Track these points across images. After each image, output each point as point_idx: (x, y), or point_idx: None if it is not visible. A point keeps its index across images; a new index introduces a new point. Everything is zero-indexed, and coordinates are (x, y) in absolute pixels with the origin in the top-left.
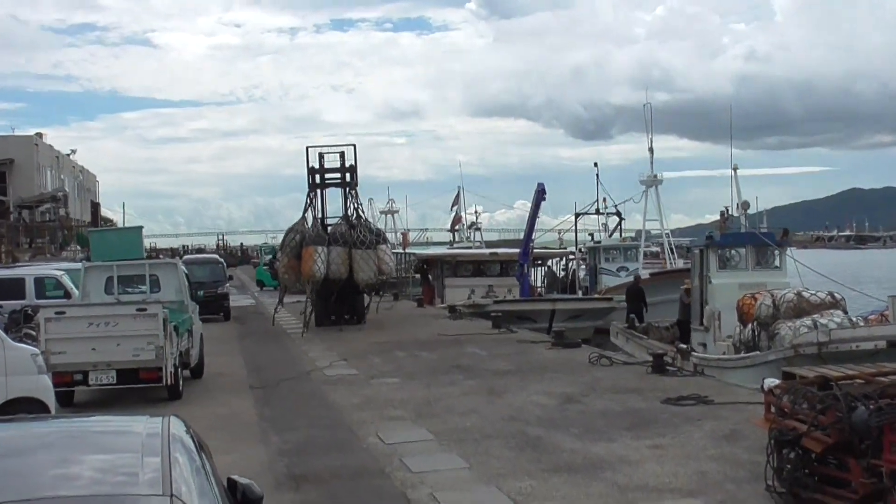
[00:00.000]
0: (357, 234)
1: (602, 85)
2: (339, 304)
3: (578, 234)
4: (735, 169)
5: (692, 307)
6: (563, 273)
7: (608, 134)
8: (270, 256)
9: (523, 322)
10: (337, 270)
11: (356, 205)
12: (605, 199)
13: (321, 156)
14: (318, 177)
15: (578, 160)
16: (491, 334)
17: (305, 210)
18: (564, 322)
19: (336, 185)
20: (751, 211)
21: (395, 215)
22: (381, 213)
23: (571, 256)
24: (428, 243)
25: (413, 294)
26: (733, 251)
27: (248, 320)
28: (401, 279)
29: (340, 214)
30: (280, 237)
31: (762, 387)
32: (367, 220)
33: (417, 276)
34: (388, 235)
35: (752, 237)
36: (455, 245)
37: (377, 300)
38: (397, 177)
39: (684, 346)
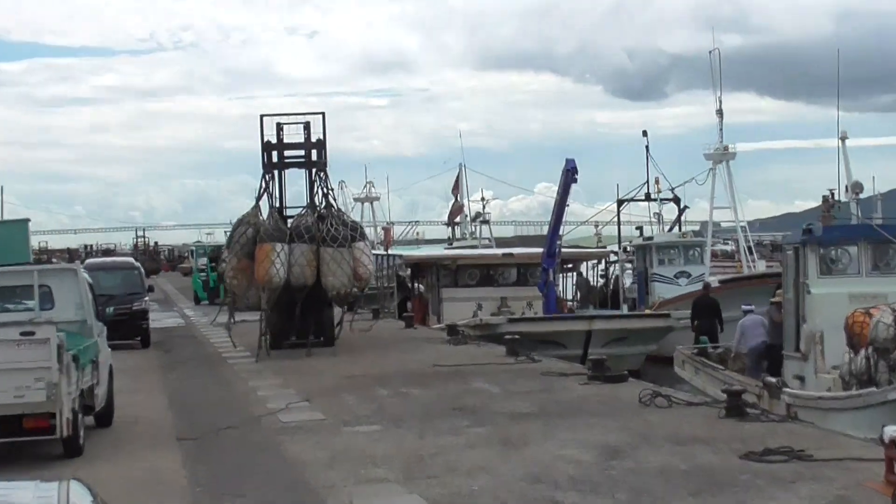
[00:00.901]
0: (327, 228)
1: (653, 26)
2: (302, 319)
3: (622, 228)
4: (843, 139)
5: (784, 326)
6: (601, 281)
7: (661, 92)
8: (206, 260)
9: (549, 347)
10: (301, 274)
11: (325, 190)
12: (657, 181)
13: (279, 127)
14: (275, 154)
15: (621, 127)
16: (505, 364)
17: (259, 197)
18: (605, 347)
19: (299, 164)
20: (864, 194)
21: (375, 203)
22: (357, 200)
23: (613, 257)
24: (419, 241)
25: (396, 310)
26: (841, 250)
27: (174, 346)
28: (383, 290)
29: (305, 203)
30: (219, 233)
31: (881, 437)
32: (339, 209)
33: (408, 286)
34: (367, 230)
35: (866, 230)
36: (455, 244)
37: (352, 316)
38: (377, 151)
39: (772, 379)
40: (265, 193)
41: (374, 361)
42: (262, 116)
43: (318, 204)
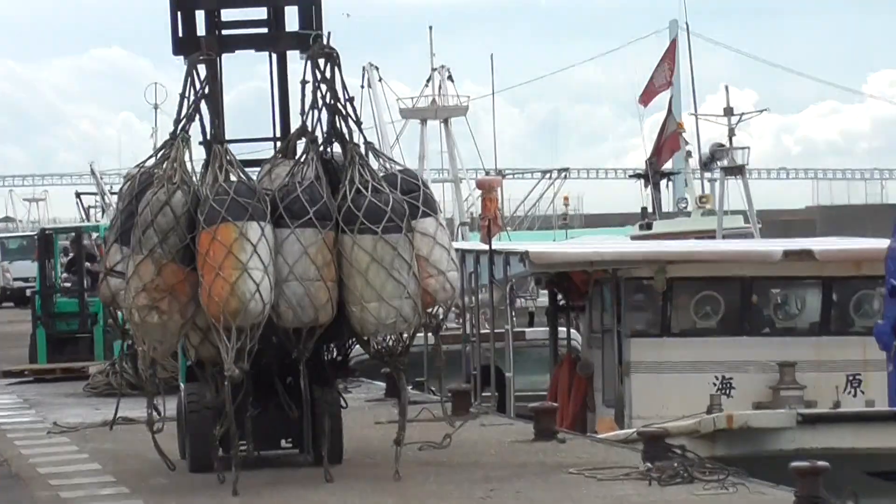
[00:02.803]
0: (350, 189)
1: None
2: (291, 403)
3: None
4: None
5: None
6: None
7: None
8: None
9: None
10: (302, 299)
11: (341, 98)
12: None
13: None
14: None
15: None
16: None
17: (183, 119)
18: None
19: (263, 40)
20: None
21: (458, 121)
22: (410, 114)
23: None
24: (567, 220)
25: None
26: None
27: None
28: (471, 337)
29: (275, 132)
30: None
31: None
32: (369, 143)
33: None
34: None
35: None
36: (661, 225)
37: (406, 399)
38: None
39: None
40: (195, 111)
41: None
42: None
43: (316, 128)
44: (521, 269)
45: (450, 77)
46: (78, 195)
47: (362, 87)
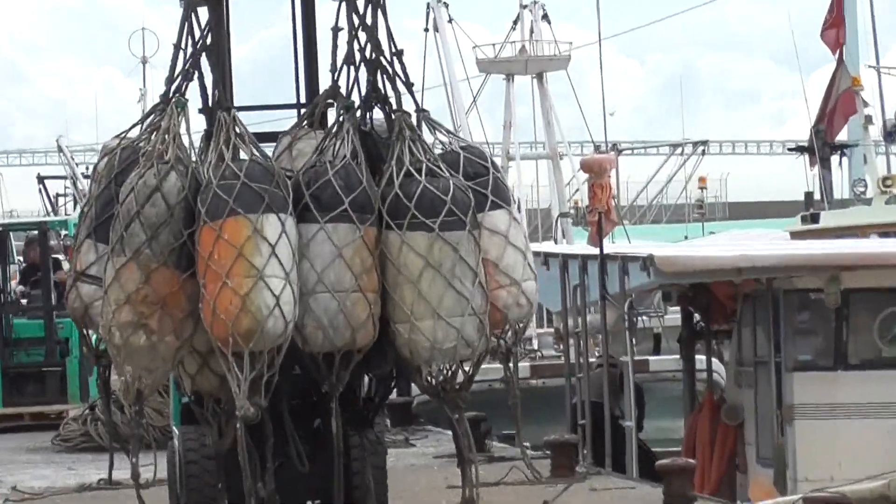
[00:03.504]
0: (395, 173)
1: None
2: (318, 456)
3: None
4: None
5: None
6: None
7: None
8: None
9: None
10: (336, 316)
11: (386, 51)
12: None
13: None
14: None
15: None
16: None
17: (178, 77)
18: None
19: None
20: None
21: (557, 76)
22: (489, 66)
23: None
24: (702, 210)
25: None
26: None
27: None
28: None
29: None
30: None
31: None
32: (424, 113)
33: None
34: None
35: None
36: (836, 216)
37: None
38: None
39: None
40: (193, 68)
41: None
42: None
43: (352, 91)
44: (644, 280)
45: (545, 17)
46: (41, 180)
47: (426, 30)
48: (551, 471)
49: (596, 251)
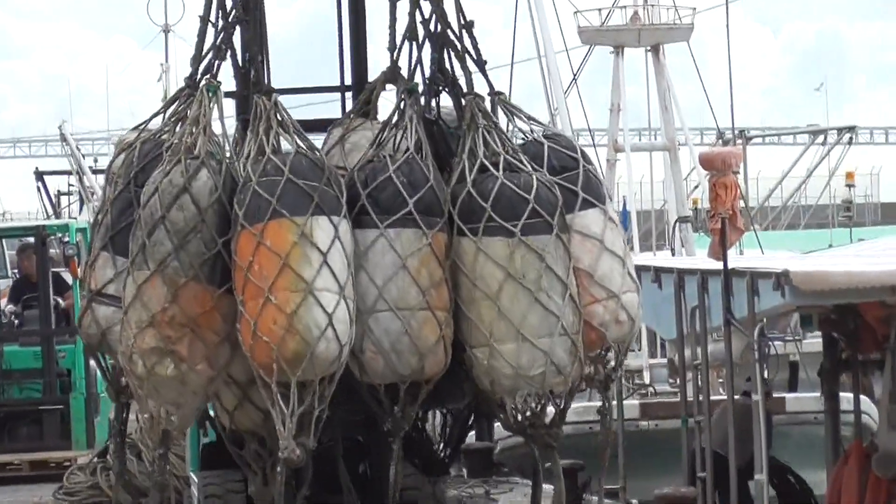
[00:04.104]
0: (467, 170)
1: None
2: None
3: None
4: None
5: None
6: None
7: None
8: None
9: None
10: (402, 339)
11: (454, 25)
12: None
13: None
14: None
15: None
16: None
17: (207, 53)
18: None
19: None
20: None
21: (673, 53)
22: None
23: None
24: (850, 216)
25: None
26: None
27: None
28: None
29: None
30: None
31: None
32: (501, 101)
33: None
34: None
35: None
36: None
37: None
38: None
39: None
40: (225, 45)
41: None
42: None
43: (415, 72)
44: (778, 301)
45: None
46: (40, 175)
47: None
48: None
49: (718, 265)
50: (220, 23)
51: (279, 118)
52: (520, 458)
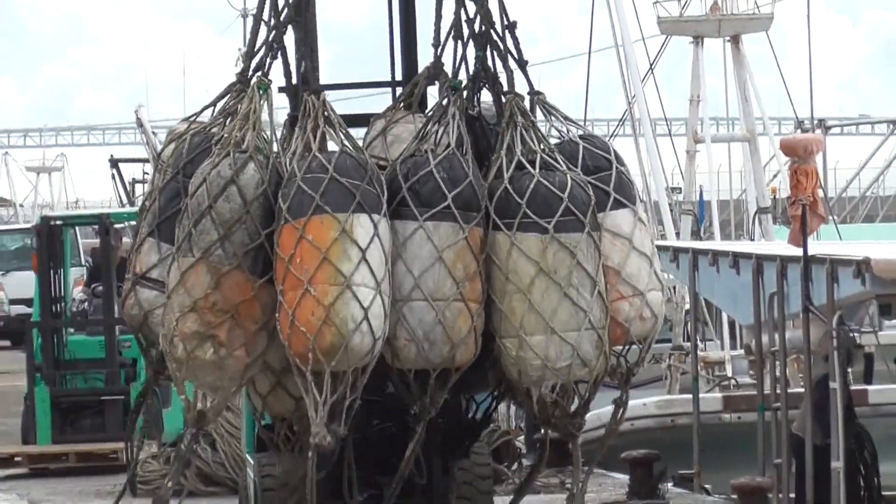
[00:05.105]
0: (504, 165)
1: None
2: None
3: None
4: None
5: None
6: None
7: None
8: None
9: None
10: (433, 328)
11: (497, 25)
12: None
13: None
14: None
15: None
16: None
17: (258, 50)
18: None
19: None
20: None
21: (752, 43)
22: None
23: None
24: None
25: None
26: None
27: None
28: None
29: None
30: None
31: None
32: (539, 101)
33: None
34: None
35: None
36: None
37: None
38: None
39: None
40: (278, 44)
41: None
42: None
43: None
44: (858, 290)
45: None
46: (115, 163)
47: None
48: None
49: (798, 252)
50: (273, 21)
51: (326, 116)
52: (594, 451)
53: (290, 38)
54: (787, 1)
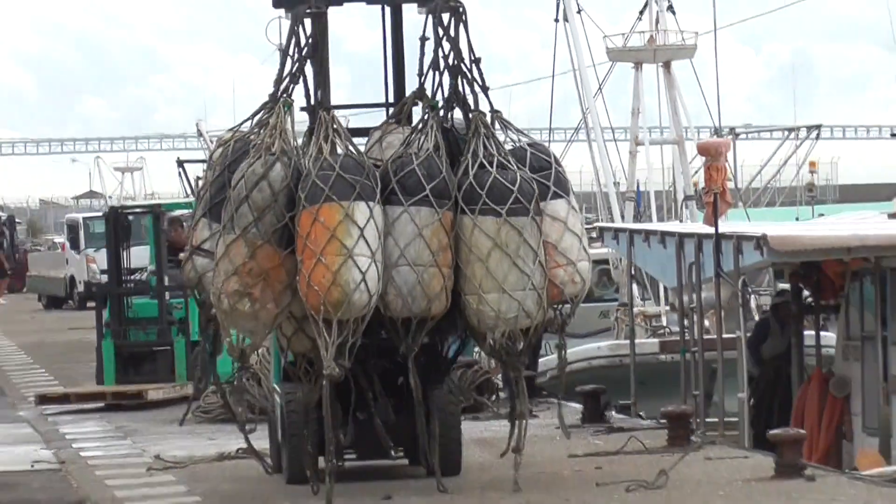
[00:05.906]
0: (470, 165)
1: None
2: (396, 403)
3: None
4: None
5: None
6: None
7: None
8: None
9: None
10: (414, 287)
11: (466, 59)
12: None
13: None
14: None
15: None
16: None
17: (286, 79)
18: None
19: None
20: None
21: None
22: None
23: None
24: (813, 196)
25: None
26: None
27: None
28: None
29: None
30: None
31: None
32: (498, 117)
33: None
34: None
35: None
36: None
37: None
38: None
39: None
40: (299, 72)
41: None
42: None
43: (436, 93)
44: (758, 259)
45: (670, 7)
46: (181, 163)
47: (556, 20)
48: (668, 441)
49: (711, 230)
50: (296, 56)
51: (335, 127)
52: (556, 386)
53: (309, 69)
54: (708, 35)
